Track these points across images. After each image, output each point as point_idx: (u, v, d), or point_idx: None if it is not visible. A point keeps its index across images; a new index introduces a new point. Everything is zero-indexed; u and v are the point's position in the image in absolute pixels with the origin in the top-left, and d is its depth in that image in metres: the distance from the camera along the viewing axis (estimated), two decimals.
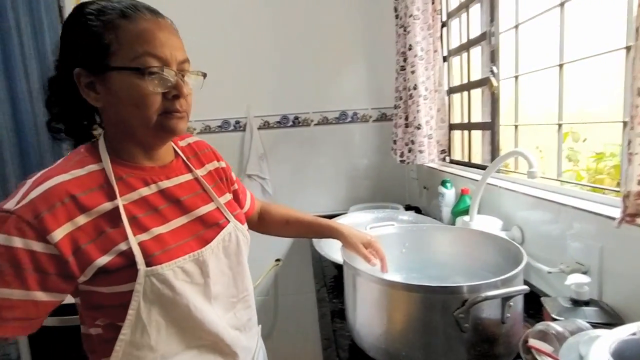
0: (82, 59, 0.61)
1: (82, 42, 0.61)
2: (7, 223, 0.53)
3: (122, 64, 0.60)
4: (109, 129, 0.67)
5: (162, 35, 0.62)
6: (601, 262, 0.85)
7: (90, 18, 0.61)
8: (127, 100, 0.61)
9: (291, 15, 2.15)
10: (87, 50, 0.61)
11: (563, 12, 1.08)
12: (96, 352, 0.65)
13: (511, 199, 1.21)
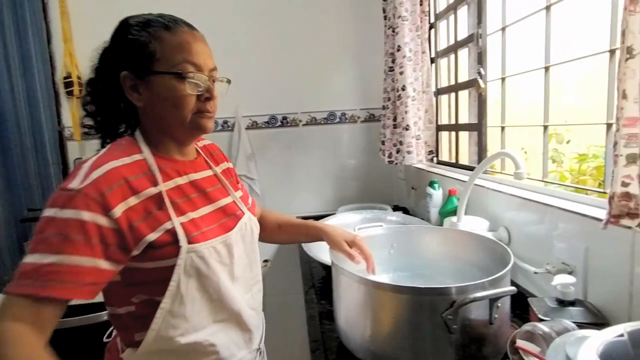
0: (129, 64, 0.71)
1: (130, 50, 0.71)
2: (76, 200, 0.60)
3: (165, 69, 0.70)
4: (147, 126, 0.75)
5: (197, 46, 0.73)
6: (586, 262, 0.86)
7: (137, 29, 0.71)
8: (167, 100, 0.71)
9: (280, 16, 2.13)
10: (134, 57, 0.70)
11: (549, 15, 1.09)
12: (129, 327, 0.71)
13: (498, 199, 1.22)
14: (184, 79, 0.70)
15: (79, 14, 2.06)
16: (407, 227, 1.11)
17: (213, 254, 0.72)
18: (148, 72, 0.70)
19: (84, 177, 0.62)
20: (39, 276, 0.57)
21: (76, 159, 2.11)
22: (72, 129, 2.09)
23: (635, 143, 0.68)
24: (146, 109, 0.73)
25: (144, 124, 0.76)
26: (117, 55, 0.73)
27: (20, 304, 0.56)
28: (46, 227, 0.59)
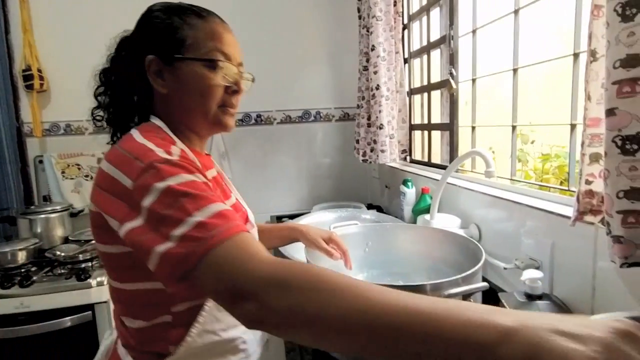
0: (156, 48, 0.67)
1: (159, 34, 0.67)
2: (183, 167, 0.55)
3: (199, 55, 0.66)
4: (167, 116, 0.69)
5: (228, 37, 0.70)
6: (552, 257, 0.90)
7: (168, 14, 0.68)
8: (194, 88, 0.67)
9: (255, 13, 2.10)
10: (162, 41, 0.67)
11: (517, 18, 1.13)
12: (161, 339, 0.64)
13: (469, 197, 1.25)
14: (215, 68, 0.67)
15: (40, 3, 1.95)
16: (382, 225, 1.12)
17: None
18: (177, 58, 0.66)
19: (166, 152, 0.56)
20: (227, 220, 0.50)
21: (36, 157, 2.00)
22: (31, 125, 1.98)
23: (599, 143, 0.71)
24: (169, 96, 0.68)
25: (162, 114, 0.70)
26: (143, 39, 0.69)
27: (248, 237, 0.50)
28: (179, 192, 0.51)
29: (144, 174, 0.53)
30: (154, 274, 0.51)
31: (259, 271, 0.44)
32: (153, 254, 0.49)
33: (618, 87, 0.53)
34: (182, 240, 0.48)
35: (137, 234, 0.52)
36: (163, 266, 0.49)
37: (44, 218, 1.77)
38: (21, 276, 1.46)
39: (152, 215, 0.51)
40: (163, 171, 0.53)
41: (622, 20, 0.52)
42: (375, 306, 0.37)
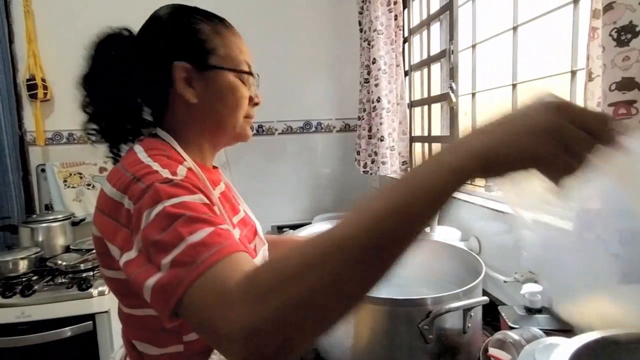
0: (186, 55, 0.61)
1: (189, 40, 0.62)
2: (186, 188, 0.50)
3: (231, 64, 0.64)
4: (185, 128, 0.65)
5: (246, 48, 0.70)
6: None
7: (197, 21, 0.64)
8: (227, 99, 0.64)
9: (257, 25, 2.13)
10: (193, 48, 0.62)
11: (516, 35, 1.15)
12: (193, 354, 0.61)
13: (469, 210, 1.27)
14: (246, 80, 0.67)
15: (44, 13, 1.98)
16: None
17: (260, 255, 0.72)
18: (209, 67, 0.62)
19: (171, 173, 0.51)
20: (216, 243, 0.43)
21: (38, 165, 2.01)
22: (34, 134, 1.99)
23: None
24: (198, 106, 0.63)
25: (177, 125, 0.65)
26: (167, 44, 0.63)
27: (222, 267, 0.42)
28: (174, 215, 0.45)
29: (143, 195, 0.48)
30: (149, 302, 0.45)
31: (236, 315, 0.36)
32: (145, 289, 0.44)
33: (614, 109, 0.55)
34: (172, 267, 0.42)
35: (132, 267, 0.47)
36: (155, 301, 0.43)
37: (46, 227, 1.77)
38: (22, 285, 1.46)
39: (146, 242, 0.46)
40: (162, 192, 0.47)
41: (618, 45, 0.54)
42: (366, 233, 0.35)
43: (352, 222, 0.36)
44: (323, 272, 0.35)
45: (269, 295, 0.35)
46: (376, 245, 0.35)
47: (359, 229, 0.35)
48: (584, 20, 0.90)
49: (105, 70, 0.66)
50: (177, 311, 0.42)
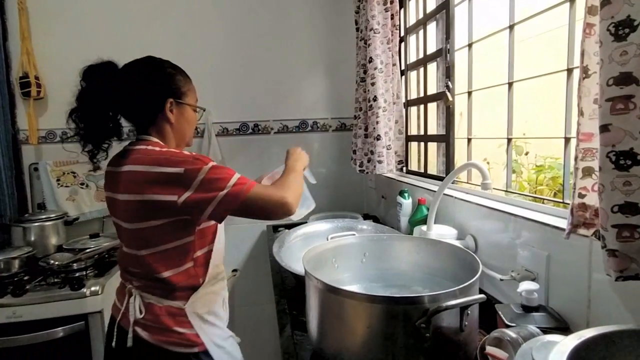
0: (172, 94, 1.00)
1: (174, 85, 1.01)
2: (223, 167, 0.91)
3: (192, 103, 1.06)
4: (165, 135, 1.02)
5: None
6: (548, 269, 0.91)
7: (173, 71, 1.03)
8: (189, 123, 1.05)
9: (253, 24, 2.13)
10: (175, 90, 1.01)
11: (512, 34, 1.15)
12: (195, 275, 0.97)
13: (465, 209, 1.26)
14: (197, 112, 1.08)
15: (39, 11, 1.96)
16: (379, 236, 1.12)
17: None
18: (184, 103, 1.03)
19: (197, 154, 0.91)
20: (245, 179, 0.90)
21: (31, 164, 1.99)
22: (27, 132, 1.97)
23: (591, 157, 0.73)
24: (173, 125, 1.02)
25: (160, 133, 1.01)
26: (162, 86, 0.99)
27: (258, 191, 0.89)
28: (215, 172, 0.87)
29: (191, 163, 0.86)
30: (210, 216, 0.87)
31: (281, 196, 0.91)
32: (214, 200, 0.85)
33: (612, 104, 0.55)
34: (235, 186, 0.87)
35: (192, 198, 0.85)
36: (224, 204, 0.86)
37: (38, 226, 1.75)
38: (14, 285, 1.44)
39: (205, 182, 0.85)
40: (203, 159, 0.88)
41: (615, 39, 0.54)
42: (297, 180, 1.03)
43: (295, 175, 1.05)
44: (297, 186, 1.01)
45: (290, 192, 0.93)
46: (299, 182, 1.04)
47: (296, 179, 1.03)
48: (581, 18, 0.90)
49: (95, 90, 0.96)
50: (240, 208, 0.87)
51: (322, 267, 1.01)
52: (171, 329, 0.92)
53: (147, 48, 2.04)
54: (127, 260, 0.96)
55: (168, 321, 0.92)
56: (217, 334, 0.99)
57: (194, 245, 0.94)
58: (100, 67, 0.97)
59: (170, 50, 2.05)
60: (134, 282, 0.96)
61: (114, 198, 0.96)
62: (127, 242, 0.95)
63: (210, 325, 0.98)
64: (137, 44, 2.03)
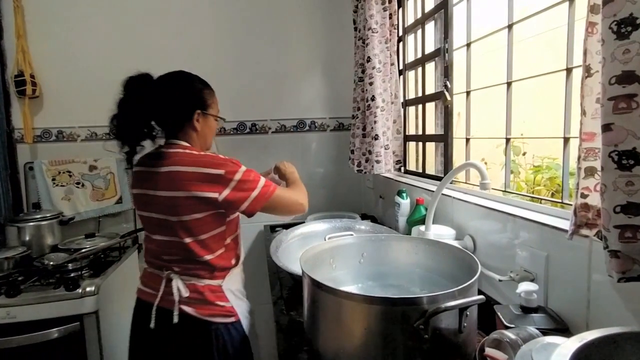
0: (200, 106, 1.15)
1: (202, 98, 1.16)
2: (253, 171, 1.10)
3: (215, 114, 1.21)
4: (192, 141, 1.16)
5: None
6: (547, 270, 0.90)
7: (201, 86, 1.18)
8: (211, 130, 1.21)
9: (251, 23, 2.12)
10: (202, 103, 1.16)
11: (511, 33, 1.15)
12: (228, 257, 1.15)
13: (463, 209, 1.26)
14: (218, 121, 1.23)
15: (34, 9, 1.94)
16: (377, 236, 1.12)
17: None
18: (209, 114, 1.18)
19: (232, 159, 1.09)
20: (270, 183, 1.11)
21: (26, 163, 1.97)
22: (22, 131, 1.95)
23: (593, 157, 0.72)
24: (198, 132, 1.16)
25: (188, 138, 1.15)
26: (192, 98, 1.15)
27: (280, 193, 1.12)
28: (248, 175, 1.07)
29: (229, 166, 1.04)
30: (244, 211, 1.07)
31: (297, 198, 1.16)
32: (249, 198, 1.05)
33: (614, 103, 0.54)
34: (264, 187, 1.08)
35: (231, 196, 1.03)
36: (255, 202, 1.06)
37: (33, 226, 1.73)
38: (8, 285, 1.43)
39: (241, 183, 1.04)
40: (237, 163, 1.07)
41: (618, 37, 0.53)
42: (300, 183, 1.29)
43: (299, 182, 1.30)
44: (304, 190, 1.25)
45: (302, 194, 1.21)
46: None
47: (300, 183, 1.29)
48: (580, 17, 0.90)
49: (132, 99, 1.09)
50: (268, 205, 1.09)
51: (319, 268, 1.00)
52: (214, 303, 1.09)
53: (144, 47, 2.04)
54: (166, 249, 1.10)
55: (211, 297, 1.09)
56: (245, 307, 1.18)
57: (225, 234, 1.11)
58: (137, 79, 1.09)
59: (167, 49, 2.04)
60: (173, 268, 1.10)
61: (149, 194, 1.09)
62: (169, 233, 1.08)
63: (239, 299, 1.17)
64: (134, 43, 2.02)
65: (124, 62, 2.03)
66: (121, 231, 2.00)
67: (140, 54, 2.02)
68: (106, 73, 2.01)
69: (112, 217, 2.06)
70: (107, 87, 2.03)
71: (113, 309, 1.62)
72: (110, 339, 1.57)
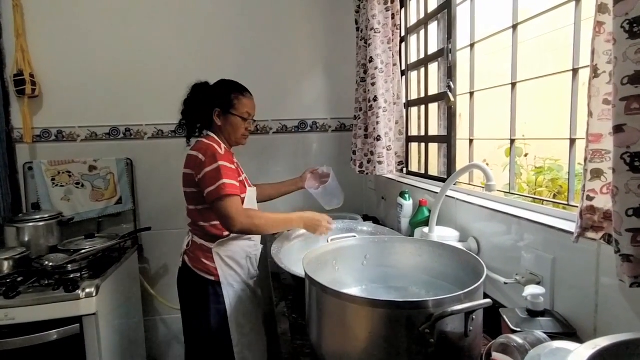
0: (220, 104, 1.44)
1: (224, 98, 1.44)
2: (224, 157, 1.33)
3: (238, 114, 1.44)
4: (221, 135, 1.46)
5: (252, 104, 1.49)
6: (553, 273, 0.89)
7: (225, 90, 1.46)
8: (234, 127, 1.45)
9: (252, 23, 2.11)
10: (226, 102, 1.44)
11: (516, 34, 1.14)
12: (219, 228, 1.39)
13: (467, 210, 1.24)
14: (244, 121, 1.46)
15: (34, 8, 1.93)
16: (380, 238, 1.10)
17: (253, 195, 1.50)
18: (230, 113, 1.44)
19: (220, 148, 1.36)
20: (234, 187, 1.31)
21: (26, 163, 1.95)
22: (22, 131, 1.94)
23: (599, 158, 0.71)
24: (221, 127, 1.45)
25: (216, 132, 1.46)
26: (214, 97, 1.45)
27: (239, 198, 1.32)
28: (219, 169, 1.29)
29: (210, 156, 1.30)
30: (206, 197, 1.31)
31: (240, 221, 1.28)
32: (209, 188, 1.29)
33: (626, 103, 0.53)
34: (220, 187, 1.28)
35: (201, 179, 1.31)
36: (210, 193, 1.29)
37: (32, 226, 1.72)
38: (6, 287, 1.41)
39: (209, 172, 1.29)
40: (218, 158, 1.31)
41: (630, 37, 0.52)
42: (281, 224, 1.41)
43: (278, 219, 1.39)
44: (267, 226, 1.35)
45: (253, 222, 1.31)
46: (278, 227, 1.40)
47: (277, 222, 1.38)
48: (587, 18, 0.89)
49: (193, 99, 1.48)
50: (215, 203, 1.29)
51: (322, 270, 0.99)
52: (200, 259, 1.40)
53: (143, 47, 2.03)
54: (187, 212, 1.45)
55: (199, 253, 1.40)
56: (232, 275, 1.42)
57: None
58: (196, 85, 1.49)
59: (168, 49, 2.03)
60: (190, 226, 1.47)
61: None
62: (186, 201, 1.43)
63: (227, 266, 1.40)
64: (134, 43, 2.01)
65: (124, 62, 2.03)
66: (121, 232, 1.99)
67: (140, 54, 2.01)
68: (106, 73, 2.01)
69: (112, 217, 2.05)
70: (108, 87, 2.05)
71: (113, 311, 1.61)
72: (110, 341, 1.56)
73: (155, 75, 2.03)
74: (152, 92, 2.02)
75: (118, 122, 2.04)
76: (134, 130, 2.06)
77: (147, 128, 2.06)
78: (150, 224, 2.03)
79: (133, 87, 2.03)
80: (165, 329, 2.18)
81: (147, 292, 2.06)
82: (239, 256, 1.43)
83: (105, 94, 2.02)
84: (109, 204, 2.01)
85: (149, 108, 2.05)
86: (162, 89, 2.03)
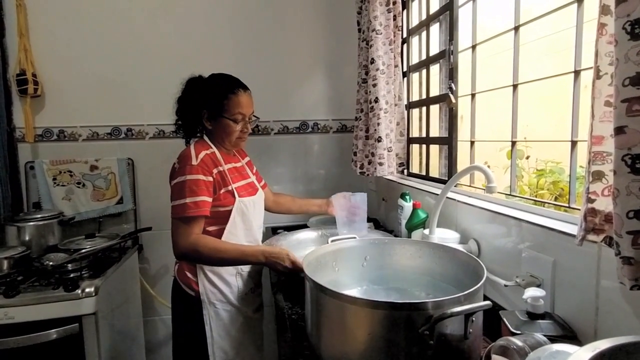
0: (208, 106, 1.29)
1: (213, 99, 1.28)
2: (197, 169, 1.21)
3: (229, 116, 1.28)
4: (213, 137, 1.34)
5: (246, 102, 1.31)
6: (554, 275, 0.89)
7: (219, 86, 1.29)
8: (225, 131, 1.30)
9: (254, 24, 2.11)
10: (214, 103, 1.28)
11: (517, 35, 1.13)
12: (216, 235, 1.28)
13: (467, 212, 1.24)
14: (236, 123, 1.30)
15: (37, 8, 1.93)
16: (381, 239, 1.10)
17: (249, 204, 1.33)
18: (220, 115, 1.29)
19: (195, 158, 1.22)
20: (195, 206, 1.18)
21: (27, 162, 1.96)
22: (24, 130, 1.94)
23: (601, 160, 0.71)
24: (212, 130, 1.32)
25: (210, 136, 1.34)
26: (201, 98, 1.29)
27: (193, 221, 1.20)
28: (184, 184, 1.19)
29: (181, 167, 1.21)
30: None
31: (182, 246, 1.18)
32: (172, 201, 1.21)
33: (628, 105, 0.53)
34: (181, 206, 1.18)
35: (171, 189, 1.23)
36: (173, 208, 1.21)
37: (33, 225, 1.72)
38: (6, 286, 1.41)
39: (176, 185, 1.21)
40: (190, 171, 1.20)
41: (632, 38, 0.52)
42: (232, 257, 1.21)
43: (230, 251, 1.22)
44: (213, 259, 1.22)
45: (196, 250, 1.18)
46: (231, 261, 1.24)
47: (229, 255, 1.21)
48: (588, 20, 0.88)
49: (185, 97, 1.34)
50: (172, 220, 1.21)
51: (322, 271, 0.99)
52: (184, 271, 1.31)
53: (145, 47, 2.04)
54: None
55: (184, 266, 1.32)
56: (214, 292, 1.29)
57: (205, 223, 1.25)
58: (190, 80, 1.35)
59: (169, 49, 2.03)
60: None
61: None
62: None
63: (209, 282, 1.29)
64: (136, 43, 2.01)
65: (126, 62, 2.03)
66: (122, 232, 1.99)
67: (142, 54, 2.02)
68: (108, 73, 2.01)
69: (112, 217, 2.05)
70: (109, 87, 2.05)
71: (112, 311, 1.61)
72: (109, 340, 1.56)
73: (156, 75, 2.03)
74: (153, 93, 2.03)
75: (119, 122, 2.04)
76: (136, 130, 2.06)
77: (149, 128, 2.07)
78: (150, 224, 2.03)
79: (134, 87, 2.04)
80: (165, 329, 2.18)
81: (147, 292, 2.06)
82: (227, 272, 1.29)
83: (107, 94, 2.02)
84: (109, 204, 2.01)
85: (150, 108, 2.05)
86: (163, 90, 2.00)
